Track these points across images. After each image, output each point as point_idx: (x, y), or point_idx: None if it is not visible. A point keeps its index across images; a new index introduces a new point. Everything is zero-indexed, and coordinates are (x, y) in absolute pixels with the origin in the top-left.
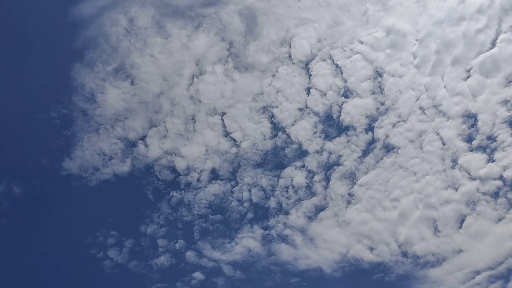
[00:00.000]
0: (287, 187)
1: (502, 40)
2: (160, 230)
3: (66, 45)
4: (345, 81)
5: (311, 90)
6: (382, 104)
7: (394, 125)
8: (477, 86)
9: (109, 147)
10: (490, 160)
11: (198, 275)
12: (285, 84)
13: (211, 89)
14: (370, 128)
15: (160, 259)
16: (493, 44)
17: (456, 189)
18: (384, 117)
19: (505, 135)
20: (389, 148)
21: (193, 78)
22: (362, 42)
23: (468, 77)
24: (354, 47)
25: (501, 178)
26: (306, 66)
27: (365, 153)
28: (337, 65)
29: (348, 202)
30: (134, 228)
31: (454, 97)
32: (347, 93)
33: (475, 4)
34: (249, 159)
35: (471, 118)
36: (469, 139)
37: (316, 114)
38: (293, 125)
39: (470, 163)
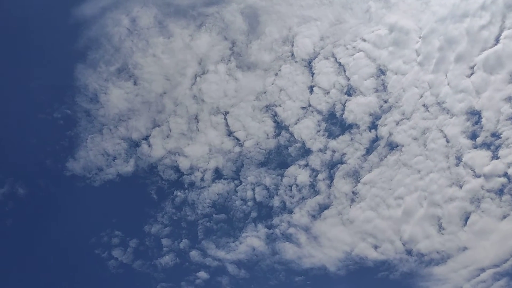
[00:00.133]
0: (291, 186)
1: (506, 37)
2: (164, 230)
3: (69, 46)
4: (348, 79)
5: (314, 89)
6: (386, 102)
7: (398, 123)
8: (481, 83)
9: (113, 147)
10: (495, 157)
11: (203, 275)
12: (288, 83)
13: (214, 89)
14: (374, 126)
15: (165, 259)
16: (497, 41)
17: (461, 187)
18: (388, 115)
19: (510, 132)
20: (393, 146)
21: (196, 78)
22: (365, 40)
23: (472, 74)
24: (357, 45)
25: (506, 175)
26: (309, 65)
27: (369, 151)
28: (340, 63)
29: (352, 201)
30: (138, 228)
31: (458, 94)
32: (350, 91)
33: (478, 1)
34: (253, 158)
35: (475, 115)
36: (473, 136)
37: (319, 113)
38: (296, 124)
39: (474, 160)
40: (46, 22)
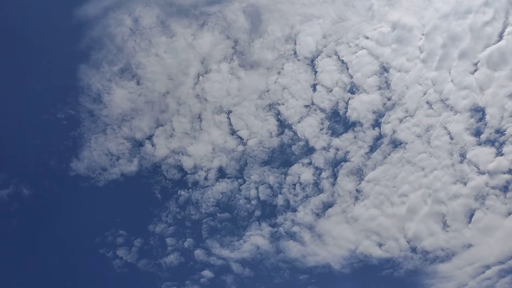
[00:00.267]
0: (295, 184)
1: (509, 33)
2: (169, 229)
3: (72, 46)
4: (351, 77)
5: (317, 87)
6: (389, 100)
7: (401, 120)
8: (485, 80)
9: (116, 147)
10: (499, 154)
11: (207, 273)
12: (291, 81)
13: (217, 88)
14: (377, 124)
15: (169, 258)
16: (500, 37)
17: (465, 184)
18: (391, 113)
19: None
20: (397, 144)
21: (199, 77)
22: (368, 38)
23: (476, 71)
24: (360, 43)
25: (510, 172)
26: (312, 63)
27: (373, 149)
28: (343, 61)
29: (356, 198)
30: (143, 227)
31: (462, 91)
32: (353, 89)
33: None
34: (256, 157)
35: (479, 112)
36: (477, 133)
37: (323, 111)
38: (300, 122)
39: (479, 157)
40: (49, 23)
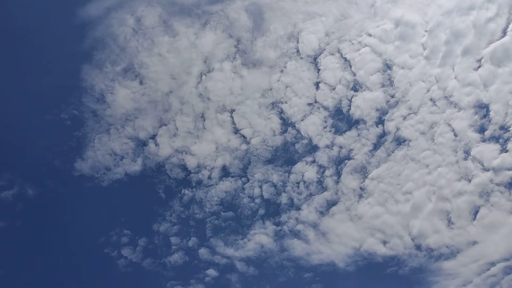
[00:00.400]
0: (298, 183)
1: None
2: (173, 228)
3: (75, 47)
4: (354, 75)
5: (320, 85)
6: (392, 97)
7: (405, 118)
8: (489, 76)
9: (120, 147)
10: (503, 151)
11: (212, 272)
12: (294, 79)
13: (220, 87)
14: (381, 121)
15: (174, 257)
16: (504, 33)
17: (469, 181)
18: (395, 110)
19: None
20: (400, 141)
21: (202, 76)
22: (371, 35)
23: (479, 67)
24: (363, 40)
25: None
26: (315, 61)
27: (376, 147)
28: (346, 59)
29: (360, 196)
30: (147, 227)
31: (465, 88)
32: (357, 87)
33: None
34: (260, 156)
35: (483, 109)
36: (482, 130)
37: (326, 109)
38: (303, 120)
39: (483, 154)
40: (51, 24)
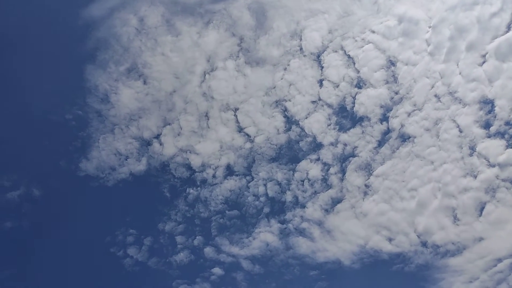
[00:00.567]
0: (303, 181)
1: None
2: (178, 227)
3: (78, 47)
4: (358, 72)
5: (324, 82)
6: (396, 93)
7: (409, 114)
8: (493, 71)
9: (125, 147)
10: (509, 146)
11: (217, 271)
12: (297, 77)
13: (223, 85)
14: (385, 118)
15: (179, 256)
16: (508, 28)
17: (475, 177)
18: (399, 106)
19: None
20: (405, 138)
21: (205, 75)
22: (374, 32)
23: (484, 62)
24: (366, 37)
25: None
26: (318, 58)
27: (381, 144)
28: (349, 56)
29: (365, 194)
30: (153, 226)
31: (470, 83)
32: (360, 84)
33: None
34: (264, 154)
35: (488, 104)
36: (487, 126)
37: (330, 106)
38: (307, 118)
39: (489, 150)
40: (55, 25)
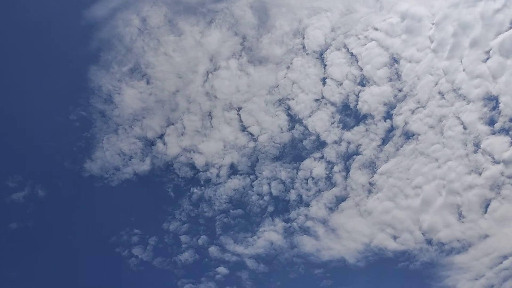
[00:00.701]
0: (307, 179)
1: None
2: (183, 227)
3: (81, 48)
4: (361, 69)
5: (327, 80)
6: (400, 91)
7: (413, 112)
8: (497, 68)
9: (129, 147)
10: None
11: (222, 270)
12: (300, 76)
13: (226, 84)
14: (389, 116)
15: (184, 255)
16: None
17: (480, 174)
18: (403, 104)
19: None
20: (409, 135)
21: (208, 74)
22: (377, 29)
23: (488, 59)
24: (369, 34)
25: None
26: (321, 56)
27: (385, 141)
28: (352, 54)
29: (369, 192)
30: (157, 226)
31: (474, 80)
32: (364, 82)
33: None
34: (267, 153)
35: (492, 101)
36: (491, 122)
37: (333, 104)
38: (310, 117)
39: (493, 147)
40: (58, 26)
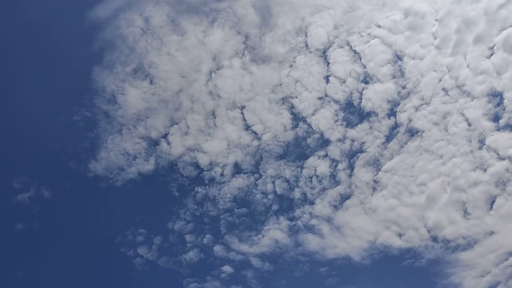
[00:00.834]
0: (311, 177)
1: None
2: (187, 226)
3: (85, 49)
4: (364, 67)
5: (330, 78)
6: (404, 88)
7: (417, 109)
8: (502, 63)
9: (133, 147)
10: None
11: (227, 269)
12: (304, 74)
13: (230, 83)
14: (393, 113)
15: (189, 254)
16: None
17: (485, 170)
18: (407, 101)
19: None
20: (413, 132)
21: (211, 74)
22: (380, 26)
23: (492, 55)
24: (372, 32)
25: None
26: (324, 54)
27: (389, 139)
28: (355, 51)
29: (374, 189)
30: (162, 225)
31: (478, 76)
32: (367, 79)
33: None
34: (271, 151)
35: (497, 97)
36: (496, 118)
37: (337, 102)
38: (314, 115)
39: (498, 143)
40: (61, 27)
